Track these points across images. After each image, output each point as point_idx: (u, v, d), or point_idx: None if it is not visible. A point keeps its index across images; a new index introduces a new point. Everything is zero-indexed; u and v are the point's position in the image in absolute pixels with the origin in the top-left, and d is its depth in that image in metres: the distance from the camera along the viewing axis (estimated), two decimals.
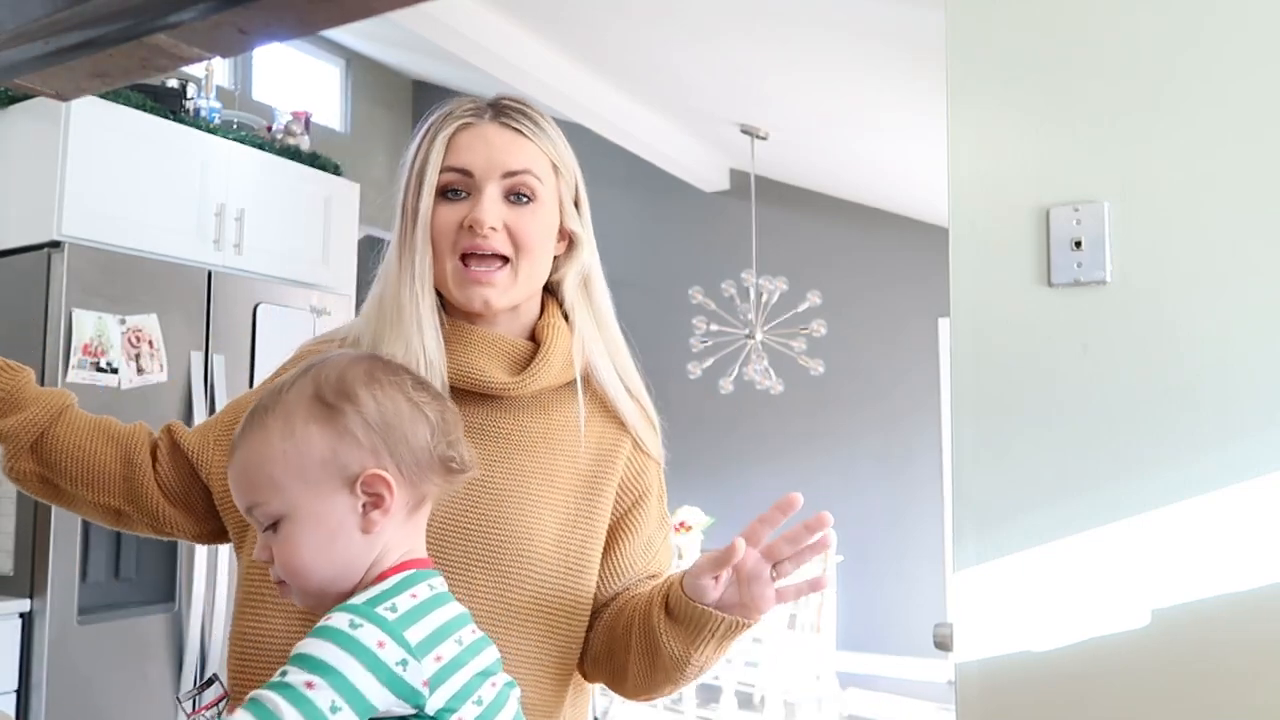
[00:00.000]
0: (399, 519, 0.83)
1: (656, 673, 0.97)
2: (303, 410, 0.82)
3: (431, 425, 0.84)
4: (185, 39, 0.53)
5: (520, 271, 1.01)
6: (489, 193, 1.00)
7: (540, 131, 1.04)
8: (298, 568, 0.80)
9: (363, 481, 0.81)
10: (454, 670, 0.76)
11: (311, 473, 0.81)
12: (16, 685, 2.59)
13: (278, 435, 0.82)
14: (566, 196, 1.06)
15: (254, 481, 0.82)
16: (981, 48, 1.30)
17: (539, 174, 1.02)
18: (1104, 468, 1.20)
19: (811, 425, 6.31)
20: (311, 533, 0.80)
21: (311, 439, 0.81)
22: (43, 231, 2.79)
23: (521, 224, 1.00)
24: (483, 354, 1.02)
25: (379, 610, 0.75)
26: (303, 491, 0.81)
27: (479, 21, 4.23)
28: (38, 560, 2.65)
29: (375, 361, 0.87)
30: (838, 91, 4.36)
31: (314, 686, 0.70)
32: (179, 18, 0.51)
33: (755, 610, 0.91)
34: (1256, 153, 1.16)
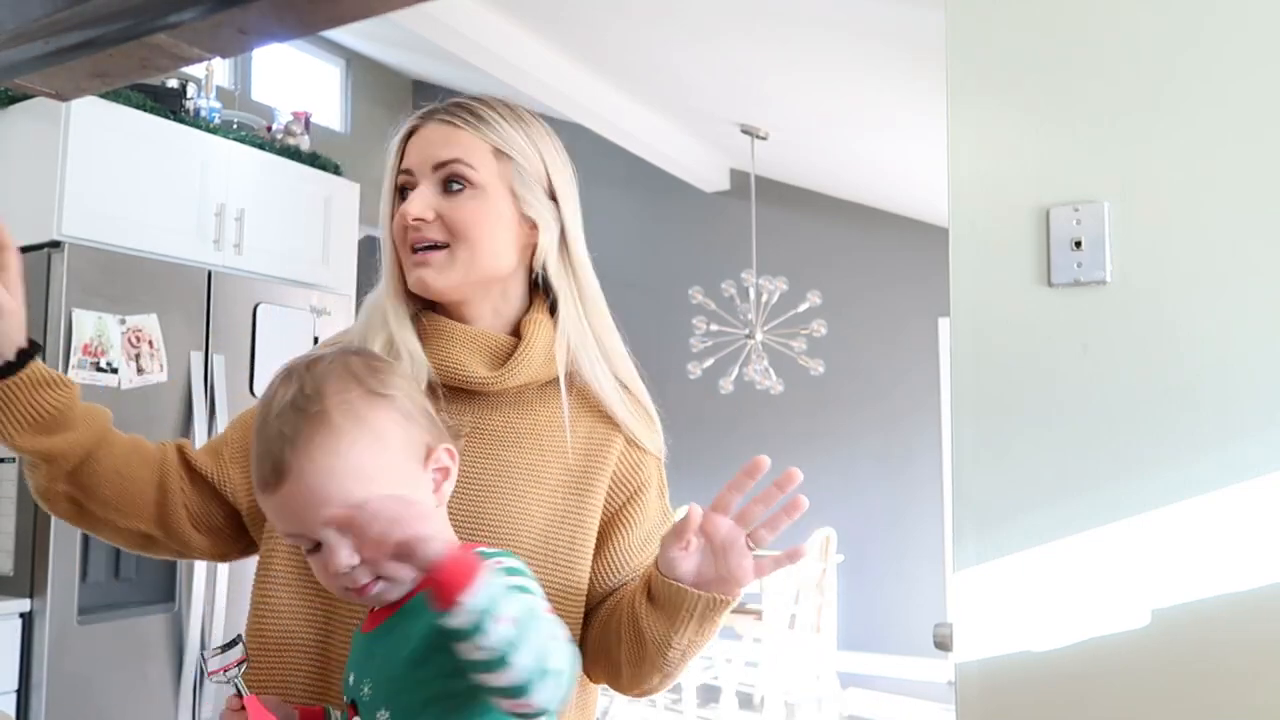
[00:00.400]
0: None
1: (644, 661, 0.96)
2: (365, 404, 0.83)
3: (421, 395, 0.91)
4: (185, 39, 0.53)
5: (459, 256, 1.03)
6: (421, 187, 1.04)
7: (480, 121, 1.05)
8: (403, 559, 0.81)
9: (433, 457, 0.85)
10: None
11: (396, 459, 0.83)
12: (16, 685, 2.59)
13: (356, 432, 0.81)
14: (521, 183, 1.06)
15: (341, 487, 0.80)
16: (981, 48, 1.30)
17: (472, 161, 1.03)
18: (1104, 468, 1.20)
19: (811, 425, 6.31)
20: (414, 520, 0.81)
21: (387, 427, 0.83)
22: (43, 231, 2.79)
23: (454, 211, 1.03)
24: (463, 349, 1.04)
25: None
26: (395, 479, 0.82)
27: (479, 21, 4.23)
28: (38, 560, 2.65)
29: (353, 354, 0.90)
30: (838, 91, 4.36)
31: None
32: (179, 18, 0.51)
33: (734, 583, 0.89)
34: (1257, 153, 1.16)
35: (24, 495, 2.70)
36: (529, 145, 1.08)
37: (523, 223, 1.07)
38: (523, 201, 1.06)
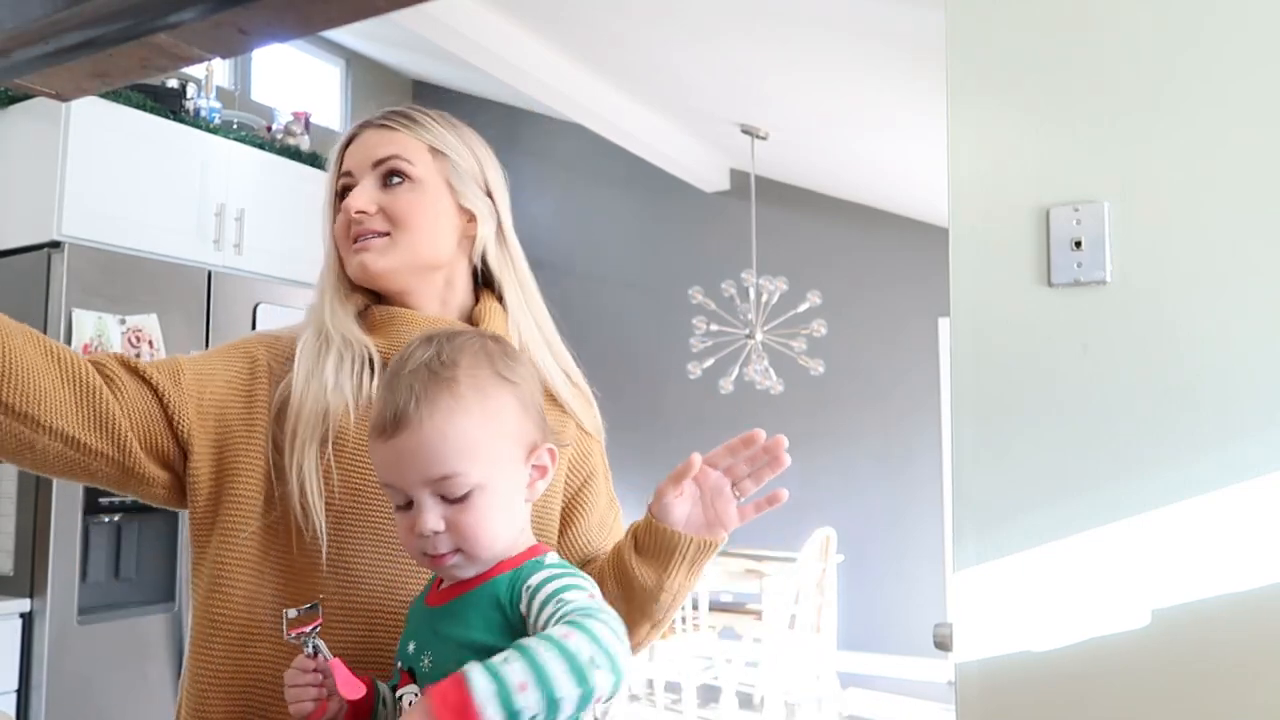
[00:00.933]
0: None
1: (632, 612, 1.02)
2: (492, 384, 0.86)
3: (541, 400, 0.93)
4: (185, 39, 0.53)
5: (399, 242, 1.08)
6: (362, 184, 1.09)
7: (415, 124, 1.11)
8: (485, 538, 0.84)
9: (536, 454, 0.87)
10: None
11: (505, 444, 0.85)
12: (16, 685, 2.59)
13: (478, 407, 0.84)
14: (457, 177, 1.12)
15: (451, 452, 0.83)
16: (981, 48, 1.30)
17: (409, 157, 1.09)
18: (1104, 468, 1.20)
19: (811, 425, 6.31)
20: (502, 502, 0.84)
21: (505, 411, 0.86)
22: (43, 231, 2.79)
23: (394, 201, 1.08)
24: (421, 331, 1.05)
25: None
26: (499, 463, 0.85)
27: (479, 21, 4.23)
28: (38, 560, 2.65)
29: (490, 339, 0.92)
30: (838, 91, 4.36)
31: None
32: (179, 18, 0.51)
33: (721, 526, 1.00)
34: (1257, 153, 1.16)
35: (24, 495, 2.70)
36: (463, 145, 1.14)
37: (461, 214, 1.12)
38: (459, 194, 1.12)
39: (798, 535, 5.74)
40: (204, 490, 1.01)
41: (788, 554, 5.30)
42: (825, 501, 6.17)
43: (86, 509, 2.74)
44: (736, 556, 5.31)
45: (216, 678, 0.98)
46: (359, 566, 0.99)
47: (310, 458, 0.98)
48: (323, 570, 0.98)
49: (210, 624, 0.99)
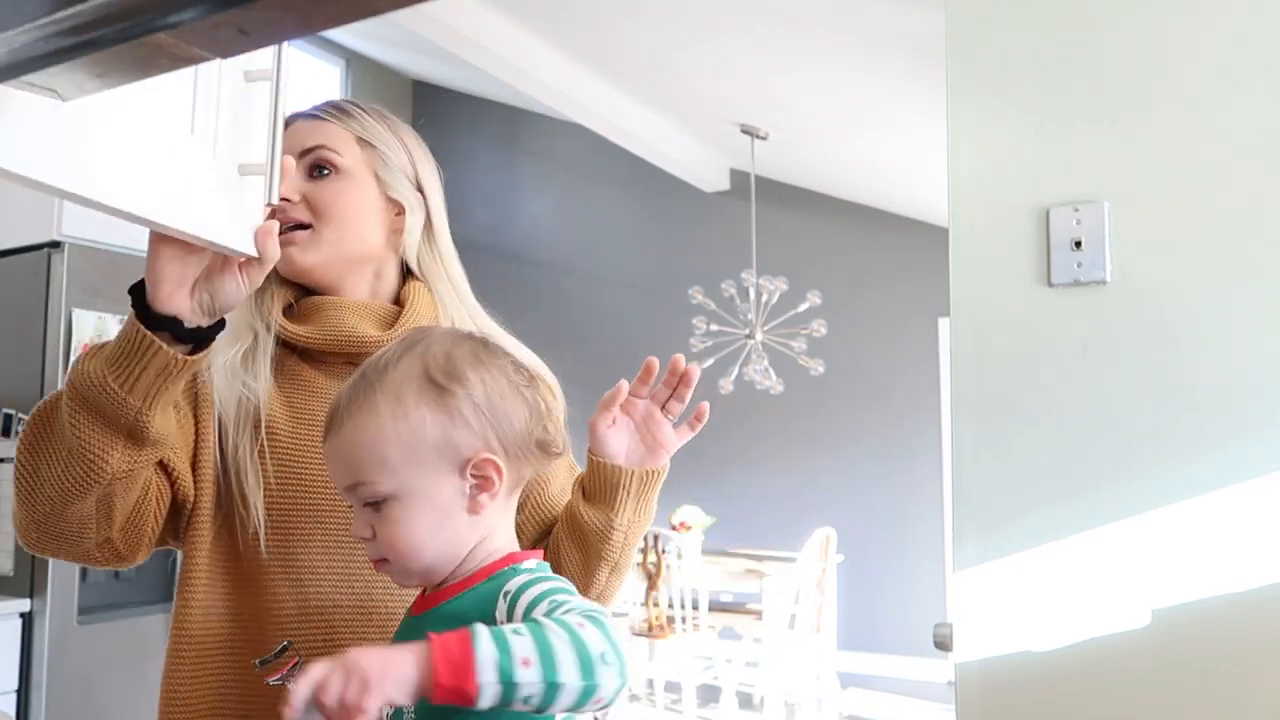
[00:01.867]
0: (500, 502, 0.85)
1: (589, 558, 1.03)
2: (413, 390, 0.82)
3: (530, 407, 0.86)
4: (185, 39, 0.53)
5: (324, 235, 1.06)
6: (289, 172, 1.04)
7: (345, 115, 1.10)
8: (404, 549, 0.81)
9: (474, 465, 0.82)
10: None
11: (423, 454, 0.81)
12: (16, 685, 2.59)
13: (388, 415, 0.81)
14: (386, 170, 1.10)
15: (362, 460, 0.82)
16: (981, 48, 1.30)
17: (337, 148, 1.07)
18: (1104, 468, 1.20)
19: (811, 425, 6.31)
20: (421, 514, 0.81)
21: (425, 421, 0.81)
22: (43, 231, 2.78)
23: (319, 193, 1.06)
24: (351, 315, 1.06)
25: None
26: (414, 472, 0.81)
27: (479, 21, 4.23)
28: (38, 560, 2.65)
29: (478, 342, 0.88)
30: (838, 92, 4.36)
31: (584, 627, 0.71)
32: (179, 18, 0.51)
33: (661, 448, 1.03)
34: (1257, 153, 1.16)
35: None
36: (394, 139, 1.12)
37: (389, 206, 1.10)
38: (387, 186, 1.10)
39: (798, 535, 5.74)
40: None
41: (788, 554, 5.30)
42: (825, 501, 6.17)
43: None
44: (736, 556, 5.31)
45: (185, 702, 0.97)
46: (307, 560, 0.97)
47: (244, 445, 0.98)
48: (270, 569, 0.96)
49: (174, 644, 0.98)
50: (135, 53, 0.53)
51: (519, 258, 7.04)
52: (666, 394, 1.03)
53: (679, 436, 1.04)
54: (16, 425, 2.72)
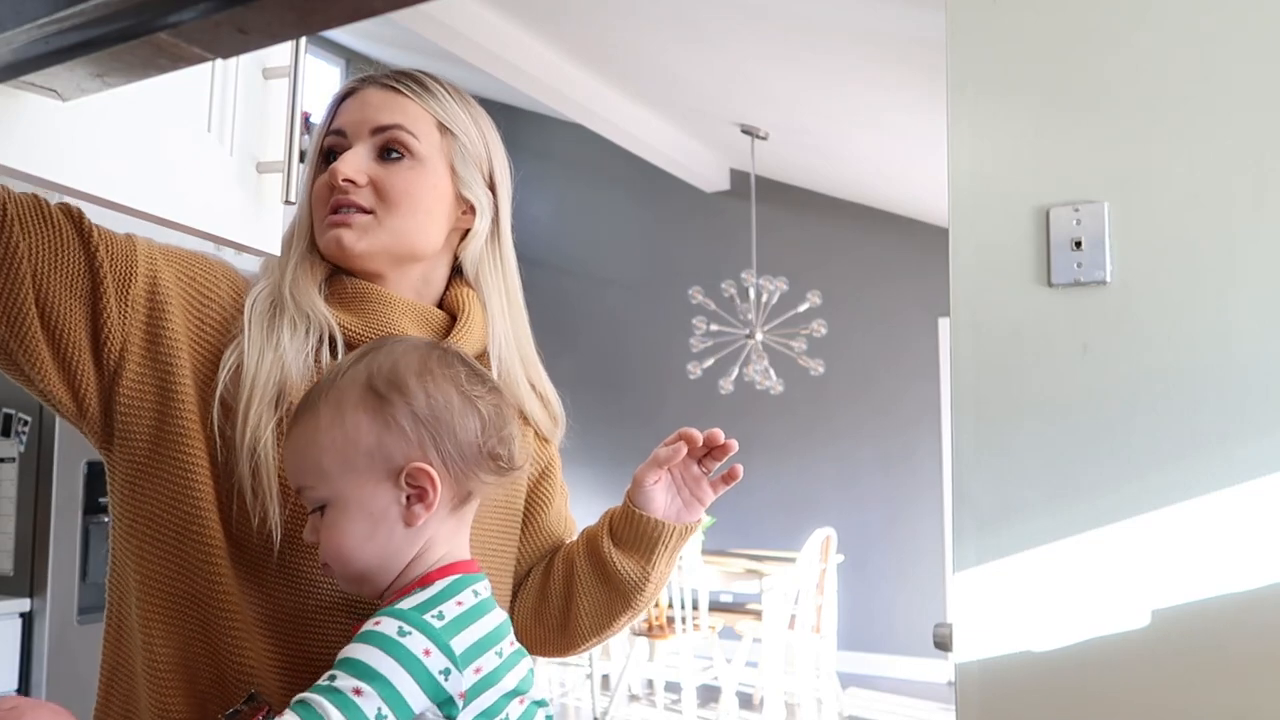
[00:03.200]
0: (442, 514, 0.82)
1: (614, 603, 1.02)
2: (353, 398, 0.82)
3: (483, 420, 0.83)
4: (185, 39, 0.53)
5: (385, 224, 0.95)
6: (355, 149, 0.96)
7: (426, 93, 0.99)
8: (341, 554, 0.81)
9: (407, 474, 0.80)
10: (489, 685, 0.77)
11: (357, 462, 0.81)
12: (16, 685, 2.59)
13: (326, 422, 0.82)
14: (462, 163, 1.00)
15: (302, 465, 0.82)
16: (981, 48, 1.30)
17: (414, 130, 0.97)
18: (1104, 468, 1.20)
19: (811, 425, 6.31)
20: (355, 521, 0.81)
21: (360, 428, 0.81)
22: None
23: (389, 178, 0.95)
24: (401, 314, 0.97)
25: (426, 617, 0.76)
26: (348, 480, 0.81)
27: (479, 21, 4.23)
28: (38, 560, 2.65)
29: (432, 351, 0.85)
30: (838, 92, 4.36)
31: (362, 694, 0.71)
32: (179, 18, 0.51)
33: (699, 504, 1.03)
34: (1257, 152, 1.16)
35: (24, 495, 2.71)
36: (474, 127, 1.02)
37: (458, 204, 1.01)
38: (461, 181, 1.00)
39: (798, 535, 5.74)
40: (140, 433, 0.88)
41: (788, 554, 5.30)
42: (825, 501, 6.17)
43: (86, 509, 2.74)
44: (736, 556, 5.31)
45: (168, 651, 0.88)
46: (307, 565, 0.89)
47: (267, 429, 0.87)
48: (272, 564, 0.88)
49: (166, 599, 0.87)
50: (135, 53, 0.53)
51: (519, 257, 7.02)
52: (704, 452, 1.01)
53: (712, 490, 1.03)
54: (17, 425, 2.72)
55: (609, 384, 6.71)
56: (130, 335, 0.86)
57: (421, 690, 0.72)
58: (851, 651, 5.99)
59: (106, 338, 0.85)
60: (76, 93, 0.65)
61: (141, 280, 0.87)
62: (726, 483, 1.02)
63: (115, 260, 0.86)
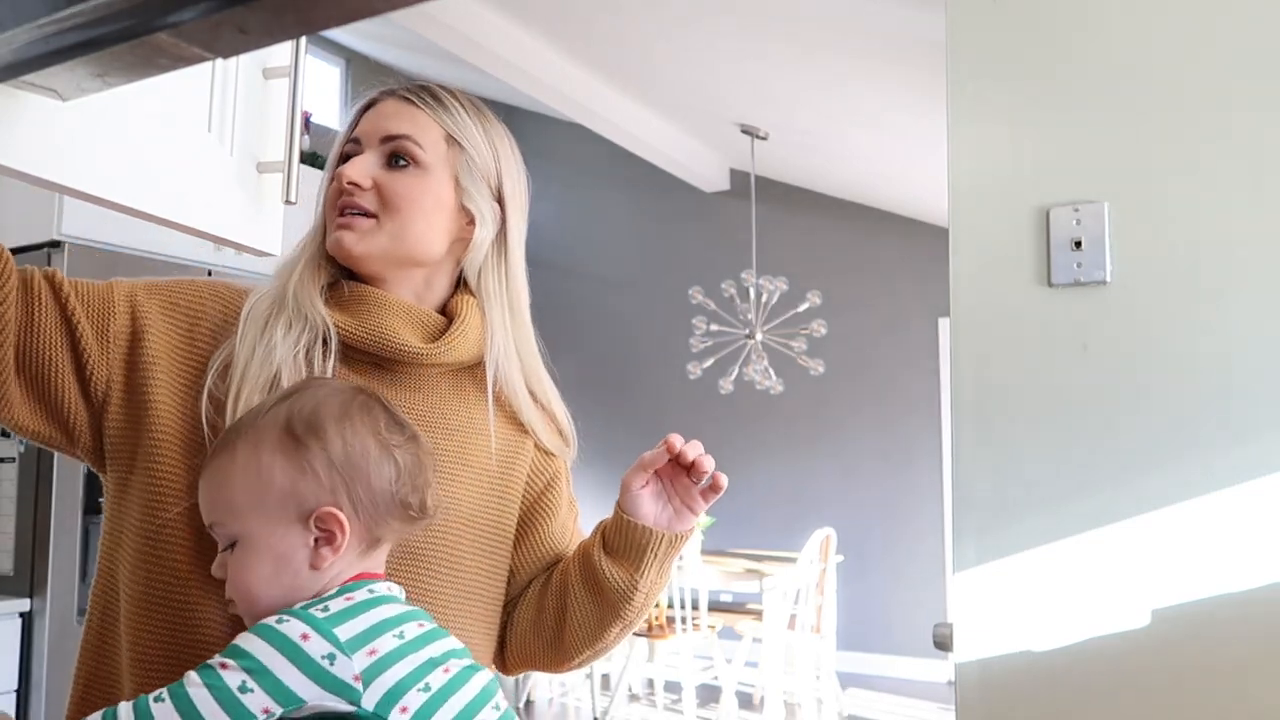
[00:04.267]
0: (350, 556, 0.84)
1: (605, 614, 1.01)
2: (271, 440, 0.83)
3: (399, 468, 0.85)
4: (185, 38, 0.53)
5: (386, 228, 0.99)
6: (365, 155, 1.01)
7: (439, 105, 1.03)
8: (247, 593, 0.82)
9: (316, 518, 0.82)
10: (394, 661, 0.77)
11: (269, 503, 0.82)
12: (16, 685, 2.59)
13: (243, 461, 0.83)
14: (468, 174, 1.03)
15: (215, 501, 0.84)
16: (981, 48, 1.30)
17: (421, 141, 1.01)
18: (1104, 468, 1.20)
19: (811, 425, 6.31)
20: (261, 560, 0.82)
21: (274, 470, 0.82)
22: (43, 231, 2.78)
23: (392, 184, 1.00)
24: (397, 318, 1.00)
25: (311, 610, 0.78)
26: (258, 520, 0.82)
27: (479, 21, 4.23)
28: (38, 560, 2.65)
29: (355, 397, 0.86)
30: (838, 91, 4.36)
31: (227, 667, 0.74)
32: (179, 18, 0.51)
33: (690, 513, 1.00)
34: (1256, 152, 1.16)
35: (24, 495, 2.70)
36: (484, 140, 1.05)
37: (460, 214, 1.04)
38: (465, 193, 1.03)
39: (798, 535, 5.74)
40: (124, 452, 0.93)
41: (788, 554, 5.30)
42: (825, 501, 6.17)
43: (86, 509, 2.74)
44: (736, 556, 5.31)
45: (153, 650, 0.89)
46: None
47: None
48: None
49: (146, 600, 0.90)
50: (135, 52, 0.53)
51: None
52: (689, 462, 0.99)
53: (704, 498, 1.00)
54: None
55: (609, 384, 6.71)
56: (114, 367, 0.93)
57: (302, 673, 0.74)
58: (851, 651, 5.99)
59: (91, 374, 0.92)
60: (76, 93, 0.65)
61: (120, 316, 0.93)
62: (714, 492, 0.99)
63: (90, 305, 0.93)
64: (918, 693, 5.50)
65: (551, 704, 5.14)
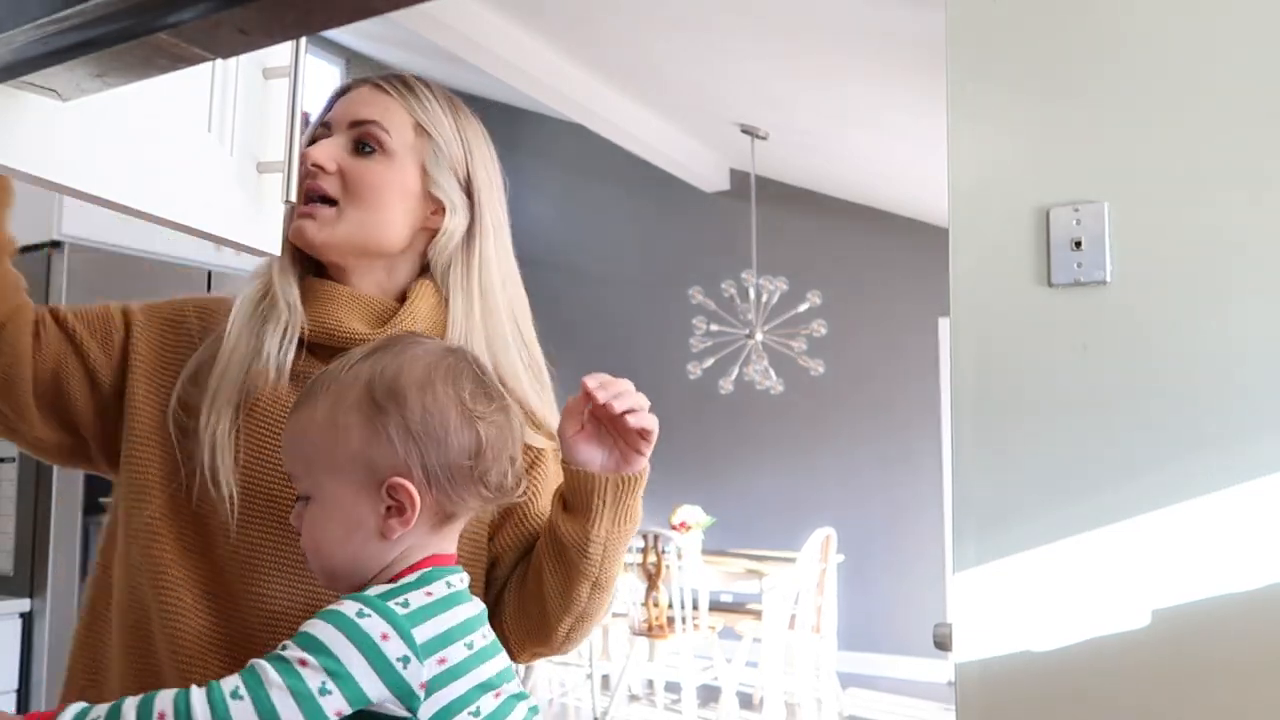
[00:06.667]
0: (421, 530, 0.81)
1: (570, 575, 0.96)
2: (351, 399, 0.81)
3: (479, 441, 0.82)
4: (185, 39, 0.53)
5: (347, 215, 1.00)
6: (332, 139, 1.02)
7: (409, 93, 1.03)
8: (318, 550, 0.81)
9: (387, 487, 0.79)
10: (455, 677, 0.76)
11: (342, 464, 0.80)
12: (16, 685, 2.59)
13: (322, 417, 0.82)
14: (434, 163, 1.03)
15: (294, 453, 0.84)
16: (981, 48, 1.30)
17: (389, 127, 1.01)
18: (1104, 467, 1.20)
19: (811, 425, 6.31)
20: (331, 521, 0.81)
21: (350, 431, 0.80)
22: (43, 231, 2.78)
23: (356, 170, 1.00)
24: (342, 308, 1.00)
25: (391, 604, 0.75)
26: (332, 480, 0.81)
27: (479, 21, 4.23)
28: (38, 560, 2.65)
29: (442, 360, 0.84)
30: (838, 92, 4.36)
31: (307, 665, 0.71)
32: (179, 18, 0.51)
33: (637, 455, 0.94)
34: (1256, 152, 1.16)
35: (24, 495, 2.70)
36: (454, 132, 1.05)
37: (425, 201, 1.03)
38: (431, 181, 1.03)
39: (798, 535, 5.74)
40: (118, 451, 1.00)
41: (788, 554, 5.30)
42: (825, 502, 6.17)
43: (86, 509, 2.74)
44: (736, 556, 5.31)
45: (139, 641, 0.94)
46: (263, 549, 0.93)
47: (225, 420, 0.93)
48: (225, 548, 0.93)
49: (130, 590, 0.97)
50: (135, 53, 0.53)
51: (519, 258, 6.99)
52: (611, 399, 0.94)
53: (643, 440, 0.94)
54: None
55: None
56: (114, 371, 1.00)
57: (377, 675, 0.71)
58: (851, 651, 5.99)
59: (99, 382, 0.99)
60: (76, 93, 0.65)
61: (117, 329, 1.01)
62: (642, 438, 0.94)
63: (91, 323, 1.01)
64: (918, 693, 5.50)
65: (551, 704, 5.14)
